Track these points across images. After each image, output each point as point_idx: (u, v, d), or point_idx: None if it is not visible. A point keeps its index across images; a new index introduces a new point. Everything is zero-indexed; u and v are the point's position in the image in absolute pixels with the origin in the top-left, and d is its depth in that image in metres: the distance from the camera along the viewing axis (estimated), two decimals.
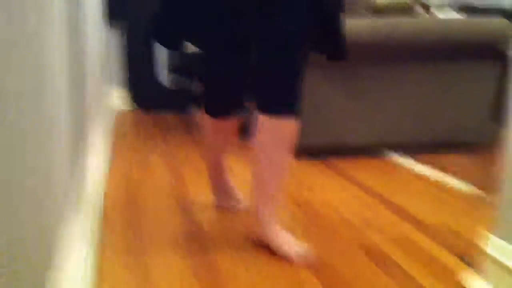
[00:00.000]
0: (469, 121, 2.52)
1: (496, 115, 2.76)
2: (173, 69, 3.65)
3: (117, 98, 3.88)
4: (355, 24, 2.27)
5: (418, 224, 1.58)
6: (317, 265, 1.30)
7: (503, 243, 1.13)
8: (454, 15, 3.08)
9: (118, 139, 2.84)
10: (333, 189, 1.93)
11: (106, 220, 1.59)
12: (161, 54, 3.75)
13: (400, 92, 2.43)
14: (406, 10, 2.66)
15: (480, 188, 1.93)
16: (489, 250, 1.17)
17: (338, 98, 2.37)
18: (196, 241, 1.44)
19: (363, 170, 2.19)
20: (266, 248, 1.38)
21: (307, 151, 2.39)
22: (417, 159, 2.34)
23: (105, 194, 1.85)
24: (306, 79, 2.43)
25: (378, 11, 2.68)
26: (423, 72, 2.43)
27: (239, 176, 2.02)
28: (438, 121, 2.49)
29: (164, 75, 3.86)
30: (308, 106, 2.34)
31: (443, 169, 2.17)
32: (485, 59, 2.47)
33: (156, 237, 1.47)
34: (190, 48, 1.92)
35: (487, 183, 1.95)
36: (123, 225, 1.55)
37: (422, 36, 2.35)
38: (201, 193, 1.86)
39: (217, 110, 1.56)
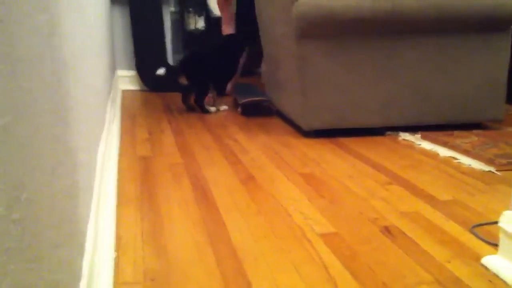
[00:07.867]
0: (479, 99, 2.47)
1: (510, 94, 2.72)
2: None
3: (123, 79, 3.85)
4: None
5: (430, 199, 1.57)
6: (325, 232, 1.29)
7: None
8: None
9: (126, 118, 2.82)
10: (339, 164, 1.91)
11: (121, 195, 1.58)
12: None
13: (402, 69, 2.37)
14: None
15: (491, 165, 1.91)
16: (505, 225, 1.16)
17: (338, 75, 2.32)
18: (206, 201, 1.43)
19: (370, 148, 2.17)
20: None
21: (314, 130, 2.37)
22: (424, 137, 2.32)
23: (119, 170, 1.83)
24: (305, 53, 2.42)
25: None
26: (426, 46, 2.37)
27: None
28: (444, 101, 2.44)
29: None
30: (309, 81, 2.30)
31: (452, 147, 2.14)
32: (496, 32, 2.41)
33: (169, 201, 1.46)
34: None
35: (499, 160, 1.93)
36: (138, 196, 1.54)
37: (425, 8, 2.28)
38: (210, 167, 1.85)
39: None
